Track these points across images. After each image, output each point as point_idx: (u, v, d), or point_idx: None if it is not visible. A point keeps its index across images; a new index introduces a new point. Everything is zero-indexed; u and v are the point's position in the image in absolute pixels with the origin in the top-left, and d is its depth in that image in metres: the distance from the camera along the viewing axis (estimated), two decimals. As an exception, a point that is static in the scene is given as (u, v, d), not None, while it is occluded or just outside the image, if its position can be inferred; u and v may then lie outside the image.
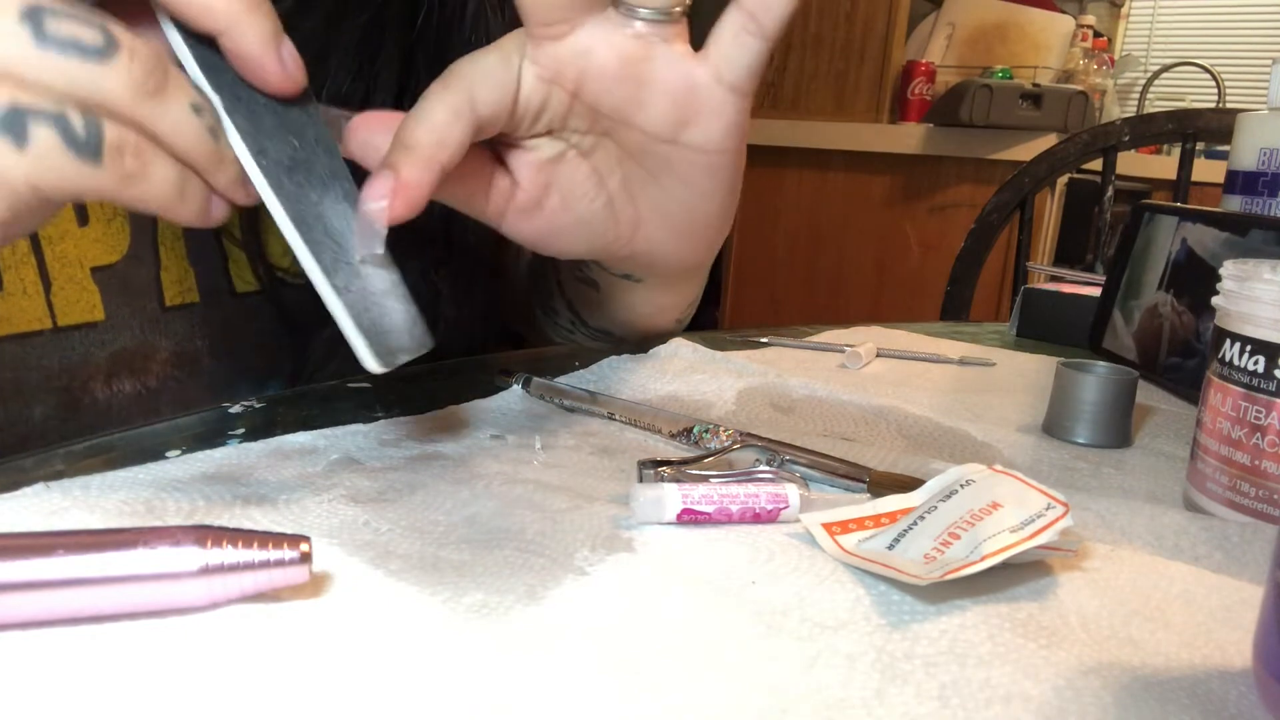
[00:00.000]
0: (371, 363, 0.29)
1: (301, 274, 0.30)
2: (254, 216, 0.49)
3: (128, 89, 0.26)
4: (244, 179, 0.29)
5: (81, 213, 0.43)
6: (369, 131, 0.33)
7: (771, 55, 0.36)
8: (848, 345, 0.58)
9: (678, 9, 0.35)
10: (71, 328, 0.43)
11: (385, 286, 0.31)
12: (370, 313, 0.30)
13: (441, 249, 0.52)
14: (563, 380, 0.45)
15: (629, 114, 0.36)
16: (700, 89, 0.35)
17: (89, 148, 0.26)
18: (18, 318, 0.41)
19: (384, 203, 0.31)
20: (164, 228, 0.46)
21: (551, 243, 0.40)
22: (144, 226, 0.45)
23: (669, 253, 0.43)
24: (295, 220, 0.29)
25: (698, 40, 0.36)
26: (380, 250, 0.31)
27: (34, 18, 0.25)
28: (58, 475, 0.30)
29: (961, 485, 0.29)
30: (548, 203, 0.38)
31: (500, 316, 0.63)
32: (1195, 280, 0.53)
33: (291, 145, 0.31)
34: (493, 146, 0.37)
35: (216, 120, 0.29)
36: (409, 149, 0.31)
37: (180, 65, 0.29)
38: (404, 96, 0.49)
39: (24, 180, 0.26)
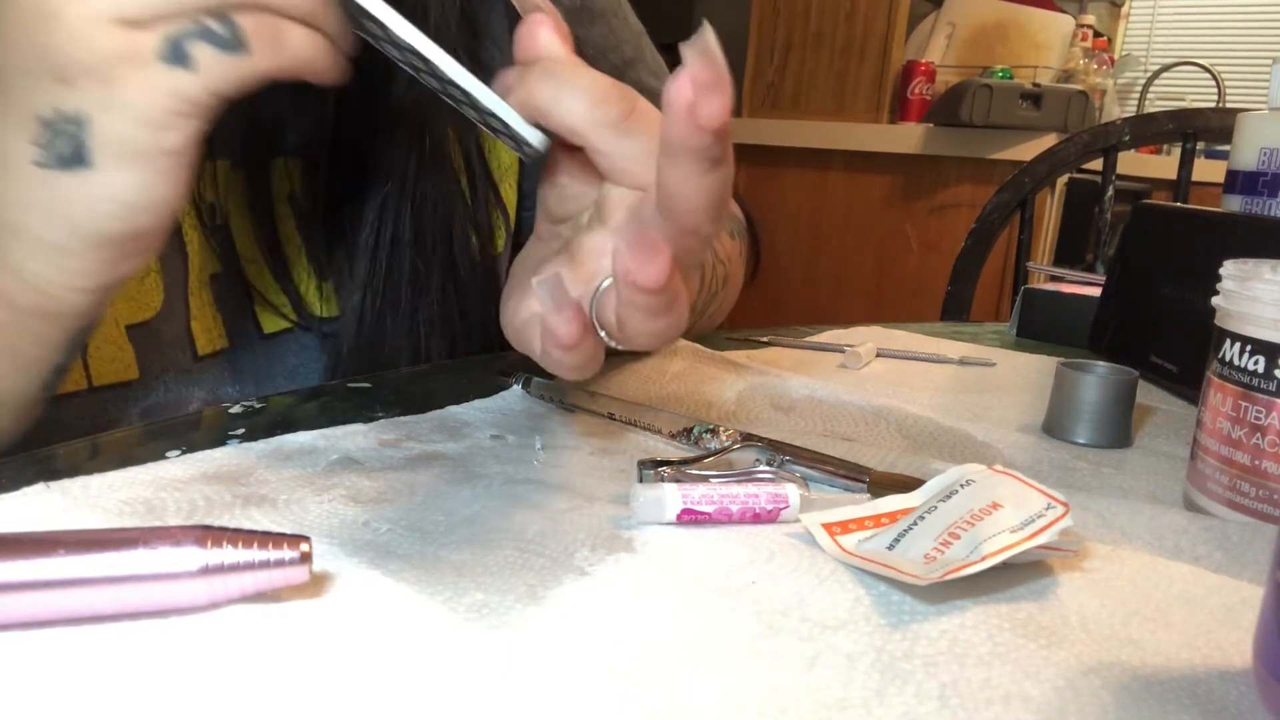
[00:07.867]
0: (534, 139, 0.32)
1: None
2: (281, 257, 0.48)
3: None
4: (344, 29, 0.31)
5: None
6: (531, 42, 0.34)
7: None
8: (848, 345, 0.58)
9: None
10: (106, 387, 0.43)
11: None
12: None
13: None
14: (563, 380, 0.45)
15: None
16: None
17: (236, 43, 0.29)
18: None
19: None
20: (193, 278, 0.45)
21: None
22: (175, 280, 0.45)
23: None
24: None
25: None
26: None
27: None
28: (58, 475, 0.30)
29: (961, 485, 0.29)
30: None
31: None
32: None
33: None
34: None
35: None
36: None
37: None
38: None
39: (203, 91, 0.29)
